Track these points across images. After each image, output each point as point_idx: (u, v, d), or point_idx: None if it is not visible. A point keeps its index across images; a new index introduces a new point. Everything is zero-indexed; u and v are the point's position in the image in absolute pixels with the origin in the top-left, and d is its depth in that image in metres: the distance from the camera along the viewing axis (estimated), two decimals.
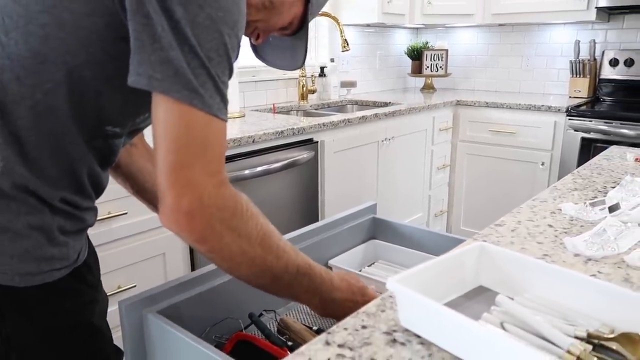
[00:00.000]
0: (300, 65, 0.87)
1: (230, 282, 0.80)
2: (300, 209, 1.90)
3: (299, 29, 0.82)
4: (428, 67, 3.23)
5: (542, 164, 2.52)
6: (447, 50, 3.21)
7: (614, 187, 1.01)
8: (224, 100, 0.59)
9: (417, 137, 2.50)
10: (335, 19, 2.46)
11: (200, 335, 0.73)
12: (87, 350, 0.75)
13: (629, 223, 0.80)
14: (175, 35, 0.55)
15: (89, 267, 0.79)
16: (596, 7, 2.51)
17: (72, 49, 0.58)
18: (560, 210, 0.88)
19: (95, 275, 0.83)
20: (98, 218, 1.33)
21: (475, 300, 0.57)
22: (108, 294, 1.32)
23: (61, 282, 0.69)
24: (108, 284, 1.37)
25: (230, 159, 1.61)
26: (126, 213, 1.35)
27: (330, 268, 1.02)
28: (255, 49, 0.89)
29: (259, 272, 0.64)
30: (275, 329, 0.80)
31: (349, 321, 0.52)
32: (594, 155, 2.38)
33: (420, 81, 3.47)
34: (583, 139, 2.39)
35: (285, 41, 0.86)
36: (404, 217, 2.53)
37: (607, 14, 2.73)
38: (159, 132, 0.57)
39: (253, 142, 1.66)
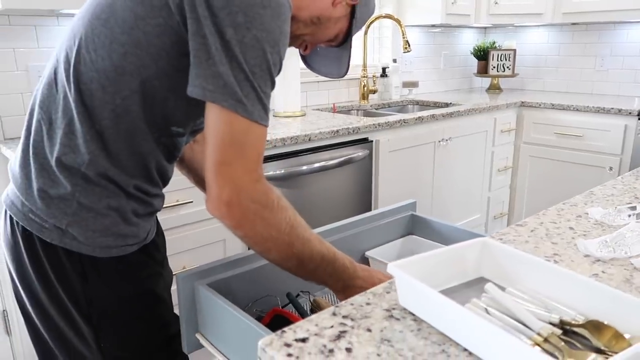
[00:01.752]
0: (344, 73, 0.97)
1: (272, 264, 0.91)
2: (354, 205, 1.99)
3: (344, 41, 0.92)
4: (494, 67, 3.19)
5: (610, 168, 2.43)
6: (514, 50, 3.15)
7: None
8: (265, 109, 0.70)
9: (477, 138, 2.50)
10: (397, 20, 2.52)
11: (244, 308, 0.85)
12: (152, 314, 0.89)
13: None
14: (226, 53, 0.66)
15: (157, 245, 0.94)
16: None
17: (146, 63, 0.72)
18: (587, 214, 0.90)
19: (162, 253, 0.97)
20: (168, 205, 1.50)
21: (473, 288, 0.64)
22: (174, 273, 1.49)
23: (132, 255, 0.84)
24: (175, 264, 1.55)
25: (288, 155, 1.73)
26: (192, 202, 1.51)
27: (367, 259, 1.11)
28: (304, 58, 0.99)
29: (286, 257, 0.75)
30: (309, 308, 0.91)
31: (357, 298, 0.61)
32: None
33: (486, 81, 3.42)
34: None
35: (331, 51, 0.96)
36: (460, 218, 2.54)
37: None
38: (209, 133, 0.70)
39: (309, 140, 1.77)
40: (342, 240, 1.07)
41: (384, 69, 2.77)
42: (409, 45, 2.49)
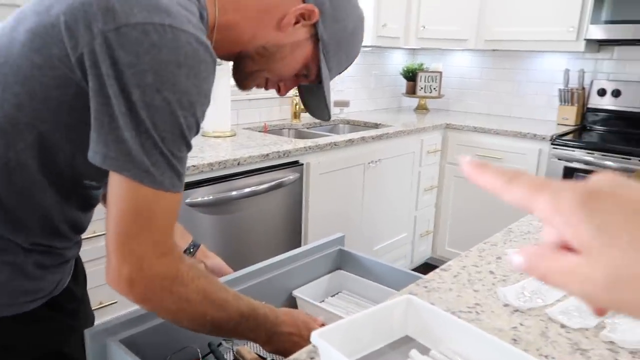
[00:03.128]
0: (325, 117, 0.83)
1: None
2: (285, 228, 1.96)
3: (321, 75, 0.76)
4: (422, 88, 3.30)
5: None
6: (440, 73, 3.28)
7: None
8: (178, 174, 0.63)
9: (405, 159, 2.56)
10: None
11: None
12: None
13: None
14: (132, 117, 0.58)
15: (70, 294, 0.84)
16: (585, 39, 2.57)
17: (43, 115, 0.63)
18: (506, 254, 0.93)
19: (77, 300, 0.88)
20: (85, 236, 1.39)
21: (398, 350, 0.63)
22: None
23: (35, 312, 0.75)
24: (91, 299, 1.44)
25: (216, 180, 1.67)
26: None
27: (294, 299, 1.08)
28: (302, 97, 0.87)
29: (200, 325, 0.70)
30: (232, 358, 0.86)
31: None
32: None
33: (414, 101, 3.53)
34: (566, 167, 2.44)
35: (315, 88, 0.81)
36: (389, 237, 2.58)
37: (597, 45, 2.79)
38: (111, 200, 0.62)
39: (238, 164, 1.72)
40: (269, 280, 1.04)
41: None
42: None
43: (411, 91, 3.38)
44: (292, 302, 1.09)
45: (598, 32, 2.51)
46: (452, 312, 0.72)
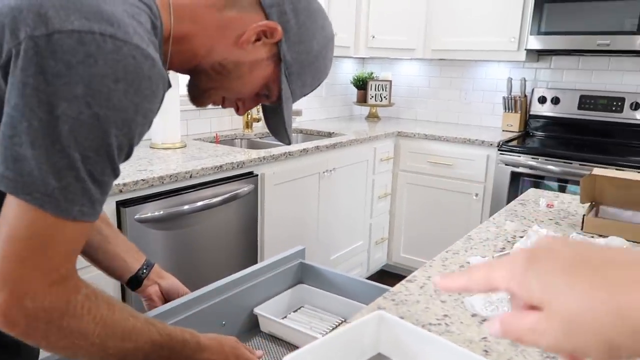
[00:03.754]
0: (284, 140, 0.77)
1: None
2: (241, 241, 1.91)
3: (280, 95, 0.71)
4: (373, 96, 3.34)
5: (476, 195, 2.65)
6: (390, 81, 3.33)
7: (522, 237, 1.09)
8: (92, 201, 0.56)
9: (359, 167, 2.57)
10: None
11: None
12: None
13: None
14: (46, 133, 0.51)
15: (8, 345, 0.75)
16: (526, 49, 2.69)
17: None
18: (469, 263, 0.94)
19: (19, 352, 0.78)
20: None
21: None
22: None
23: None
24: None
25: (167, 194, 1.60)
26: None
27: (256, 316, 1.04)
28: (265, 116, 0.80)
29: (102, 358, 0.62)
30: None
31: None
32: (522, 189, 2.53)
33: (365, 110, 3.57)
34: (513, 172, 2.53)
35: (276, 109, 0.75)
36: (345, 245, 2.58)
37: (537, 54, 2.93)
38: (1, 223, 0.54)
39: (191, 177, 1.66)
40: (229, 299, 0.99)
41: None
42: None
43: (362, 100, 3.41)
44: (253, 320, 1.05)
45: (537, 42, 2.63)
46: (421, 325, 0.71)
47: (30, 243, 0.53)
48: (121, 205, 1.48)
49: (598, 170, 1.19)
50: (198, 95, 0.74)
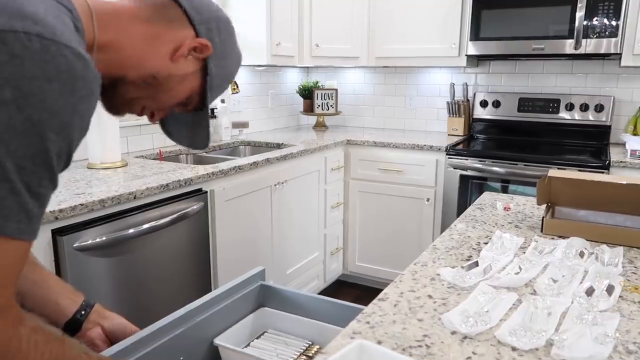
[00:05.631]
0: (205, 145, 0.80)
1: None
2: (192, 262, 1.80)
3: (202, 105, 0.75)
4: (319, 105, 3.31)
5: (428, 200, 2.67)
6: (336, 90, 3.32)
7: (486, 244, 1.08)
8: (28, 217, 0.51)
9: (310, 177, 2.53)
10: None
11: None
12: None
13: (500, 288, 0.84)
14: None
15: None
16: (466, 55, 2.75)
17: None
18: (439, 275, 0.91)
19: None
20: None
21: None
22: None
23: None
24: None
25: (109, 218, 1.48)
26: None
27: (217, 347, 0.96)
28: (162, 122, 0.81)
29: None
30: None
31: None
32: (472, 191, 2.57)
33: (312, 119, 3.54)
34: (461, 175, 2.57)
35: (189, 117, 0.79)
36: (301, 258, 2.52)
37: (476, 60, 3.01)
38: None
39: (135, 198, 1.55)
40: (186, 332, 0.91)
41: (212, 110, 2.65)
42: (237, 87, 2.42)
43: (309, 109, 3.37)
44: (214, 352, 0.97)
45: (475, 48, 2.70)
46: (402, 349, 0.66)
47: None
48: (57, 233, 1.35)
49: (553, 172, 1.21)
50: (119, 104, 0.72)
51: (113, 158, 1.92)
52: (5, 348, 0.49)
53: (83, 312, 0.87)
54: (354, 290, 2.95)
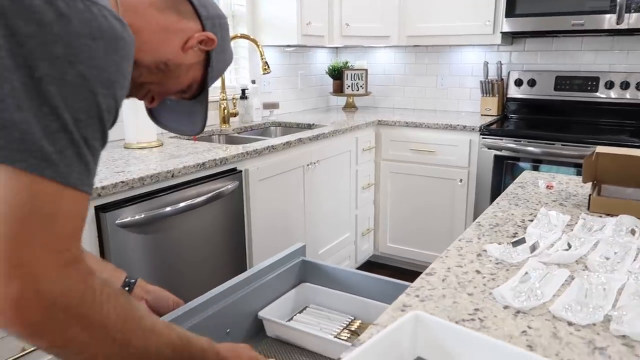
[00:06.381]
0: (200, 130, 0.85)
1: None
2: (227, 241, 1.82)
3: (199, 93, 0.80)
4: (349, 86, 3.28)
5: (460, 180, 2.63)
6: (366, 70, 3.28)
7: (531, 221, 1.06)
8: (88, 170, 0.52)
9: (342, 158, 2.52)
10: (254, 41, 2.42)
11: None
12: None
13: (550, 264, 0.82)
14: (31, 95, 0.48)
15: None
16: (501, 32, 2.67)
17: None
18: (486, 251, 0.89)
19: None
20: None
21: None
22: (13, 358, 1.15)
23: None
24: (10, 346, 1.23)
25: (148, 196, 1.51)
26: None
27: (261, 321, 0.98)
28: (150, 111, 0.85)
29: None
30: None
31: None
32: (506, 172, 2.52)
33: (342, 100, 3.51)
34: (496, 156, 2.52)
35: (183, 104, 0.83)
36: (333, 239, 2.52)
37: (511, 37, 2.92)
38: None
39: (172, 176, 1.57)
40: (232, 304, 0.92)
41: (243, 91, 2.65)
42: (268, 67, 2.41)
43: (338, 90, 3.35)
44: (258, 325, 0.98)
45: (511, 25, 2.62)
46: (454, 322, 0.65)
47: (33, 220, 0.48)
48: (100, 210, 1.38)
49: (601, 149, 1.17)
50: (131, 87, 0.73)
51: (149, 138, 1.94)
52: (80, 298, 0.50)
53: (127, 288, 0.89)
54: (385, 271, 2.94)
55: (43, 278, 0.48)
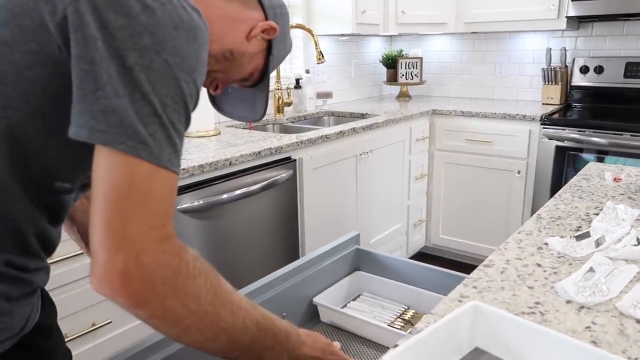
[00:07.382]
0: (260, 117, 0.87)
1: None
2: (281, 228, 1.86)
3: (260, 81, 0.82)
4: (403, 75, 3.23)
5: (519, 172, 2.55)
6: (421, 58, 3.22)
7: (597, 214, 1.01)
8: (177, 151, 0.56)
9: (395, 148, 2.49)
10: (309, 30, 2.43)
11: None
12: None
13: (617, 260, 0.79)
14: (125, 82, 0.52)
15: (42, 330, 0.70)
16: (566, 17, 2.55)
17: (13, 102, 0.54)
18: (547, 244, 0.87)
19: (51, 337, 0.75)
20: (74, 253, 1.27)
21: None
22: (83, 333, 1.26)
23: (5, 356, 0.61)
24: (82, 321, 1.32)
25: (206, 183, 1.56)
26: None
27: (315, 307, 1.00)
28: (213, 99, 0.87)
29: (213, 335, 0.58)
30: None
31: None
32: (568, 164, 2.42)
33: (395, 89, 3.47)
34: (557, 147, 2.42)
35: (244, 92, 0.85)
36: (384, 229, 2.51)
37: (577, 22, 2.78)
38: (98, 185, 0.53)
39: (230, 164, 1.62)
40: (287, 289, 0.94)
41: (297, 80, 2.67)
42: (322, 56, 2.42)
43: (392, 79, 3.31)
44: (312, 310, 1.00)
45: (578, 9, 2.49)
46: (514, 315, 0.64)
47: (132, 198, 0.52)
48: None
49: None
50: None
51: (207, 127, 2.01)
52: (176, 271, 0.54)
53: None
54: (436, 263, 2.88)
55: (144, 251, 0.52)
